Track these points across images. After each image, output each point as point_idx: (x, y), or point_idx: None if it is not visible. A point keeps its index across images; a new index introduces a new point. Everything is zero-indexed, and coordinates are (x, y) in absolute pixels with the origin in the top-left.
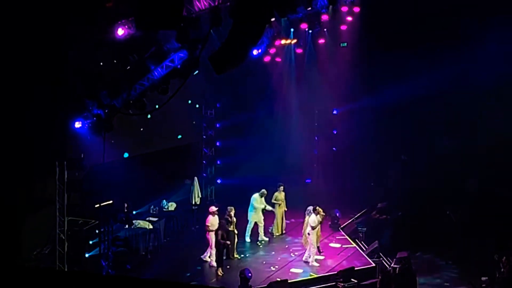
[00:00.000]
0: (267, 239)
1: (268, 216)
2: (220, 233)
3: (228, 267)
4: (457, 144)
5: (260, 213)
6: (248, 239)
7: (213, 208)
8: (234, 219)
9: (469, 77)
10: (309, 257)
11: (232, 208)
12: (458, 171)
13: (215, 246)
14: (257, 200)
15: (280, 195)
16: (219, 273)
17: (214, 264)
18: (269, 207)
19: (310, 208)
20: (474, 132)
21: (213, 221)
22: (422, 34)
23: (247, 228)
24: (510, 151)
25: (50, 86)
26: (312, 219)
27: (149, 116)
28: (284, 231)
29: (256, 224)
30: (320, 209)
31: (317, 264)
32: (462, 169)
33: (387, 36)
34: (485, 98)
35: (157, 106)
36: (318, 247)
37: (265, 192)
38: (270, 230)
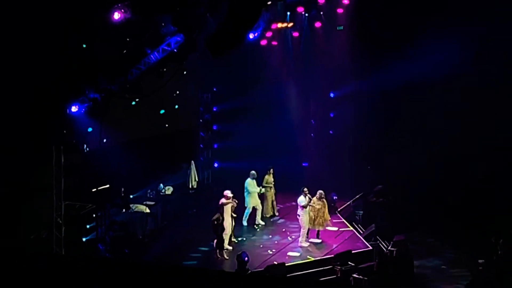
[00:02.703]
0: (263, 223)
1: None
2: (217, 216)
3: (225, 250)
4: (458, 128)
5: (257, 197)
6: (245, 223)
7: (229, 193)
8: (234, 202)
9: (471, 61)
10: (302, 239)
11: (229, 191)
12: (457, 154)
13: (213, 231)
14: (250, 184)
15: (270, 177)
16: (218, 256)
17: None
18: (263, 190)
19: (321, 191)
20: (475, 116)
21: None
22: (420, 16)
23: (245, 213)
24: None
25: (46, 70)
26: (301, 199)
27: (162, 111)
28: (277, 214)
29: (254, 208)
30: (306, 190)
31: (305, 245)
32: (461, 153)
33: (384, 19)
34: (493, 83)
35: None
36: (318, 232)
37: (255, 173)
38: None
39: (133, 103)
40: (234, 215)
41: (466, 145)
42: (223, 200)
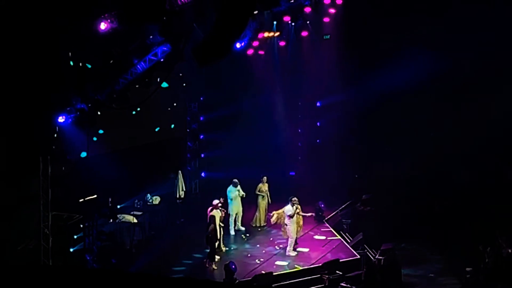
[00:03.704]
0: (243, 228)
1: (250, 207)
2: (211, 227)
3: (215, 261)
4: (443, 136)
5: (239, 203)
6: (232, 232)
7: (216, 202)
8: (223, 212)
9: (456, 68)
10: (289, 248)
11: (217, 201)
12: (443, 162)
13: (206, 242)
14: (232, 191)
15: (264, 186)
16: (207, 266)
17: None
18: (242, 192)
19: (295, 199)
20: (460, 124)
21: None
22: (405, 24)
23: (230, 221)
24: (499, 144)
25: (33, 81)
26: (288, 208)
27: (157, 128)
28: (265, 223)
29: (236, 214)
30: (295, 200)
31: (293, 254)
32: (448, 161)
33: (370, 27)
34: (474, 89)
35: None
36: (295, 239)
37: (237, 181)
38: (251, 223)
39: (134, 112)
40: (222, 225)
41: (453, 153)
42: (211, 209)
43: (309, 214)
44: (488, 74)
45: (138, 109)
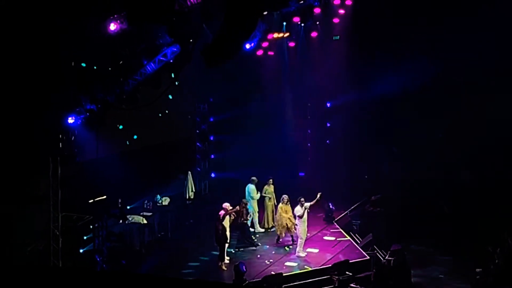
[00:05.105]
0: (263, 230)
1: (258, 209)
2: (220, 227)
3: (224, 262)
4: (451, 136)
5: (256, 204)
6: (259, 229)
7: (228, 206)
8: (233, 216)
9: (462, 69)
10: (299, 249)
11: (228, 204)
12: (451, 162)
13: (216, 241)
14: (254, 190)
15: (269, 188)
16: (221, 267)
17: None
18: (257, 196)
19: (285, 196)
20: (466, 123)
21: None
22: (414, 26)
23: (255, 220)
24: (503, 142)
25: (43, 81)
26: (297, 209)
27: (160, 114)
28: (273, 224)
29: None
30: (303, 200)
31: (303, 255)
32: (455, 161)
33: (379, 28)
34: (481, 90)
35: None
36: (280, 236)
37: (256, 179)
38: (260, 225)
39: (160, 115)
40: (250, 217)
41: (454, 153)
42: (222, 212)
43: (318, 195)
44: (488, 74)
45: (166, 111)
